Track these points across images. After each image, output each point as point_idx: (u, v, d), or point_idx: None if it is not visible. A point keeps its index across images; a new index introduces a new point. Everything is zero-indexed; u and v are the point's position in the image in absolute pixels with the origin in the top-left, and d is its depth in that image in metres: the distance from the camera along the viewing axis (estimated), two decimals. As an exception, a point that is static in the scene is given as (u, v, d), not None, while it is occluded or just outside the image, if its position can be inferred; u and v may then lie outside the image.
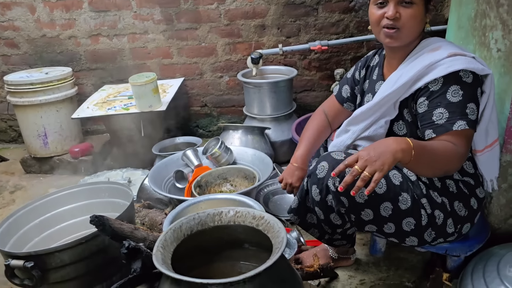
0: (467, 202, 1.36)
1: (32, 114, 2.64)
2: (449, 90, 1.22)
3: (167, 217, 1.54)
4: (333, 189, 1.26)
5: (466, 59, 1.23)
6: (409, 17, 1.26)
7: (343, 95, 1.63)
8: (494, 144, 1.37)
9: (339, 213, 1.34)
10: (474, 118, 1.21)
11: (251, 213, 1.01)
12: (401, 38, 1.30)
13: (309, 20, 2.72)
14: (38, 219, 1.74)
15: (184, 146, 2.59)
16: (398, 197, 1.27)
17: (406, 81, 1.29)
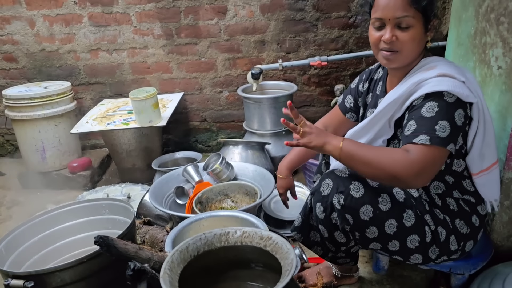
0: (469, 220, 1.36)
1: (30, 129, 2.62)
2: (425, 105, 1.21)
3: (169, 235, 1.52)
4: (338, 207, 1.26)
5: (453, 82, 1.21)
6: (406, 40, 1.26)
7: (346, 105, 1.63)
8: (492, 167, 1.36)
9: (344, 231, 1.33)
10: (444, 136, 1.17)
11: (259, 233, 1.00)
12: (399, 60, 1.31)
13: (308, 36, 2.74)
14: (37, 236, 1.72)
15: (183, 161, 2.58)
16: (403, 214, 1.27)
17: (396, 98, 1.30)
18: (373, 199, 1.25)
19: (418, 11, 1.24)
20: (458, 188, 1.37)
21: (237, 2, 2.68)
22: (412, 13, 1.24)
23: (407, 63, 1.34)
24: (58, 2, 2.76)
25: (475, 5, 1.81)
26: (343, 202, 1.25)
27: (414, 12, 1.24)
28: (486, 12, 1.70)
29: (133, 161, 2.66)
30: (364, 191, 1.25)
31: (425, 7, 1.25)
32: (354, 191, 1.25)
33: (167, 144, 3.08)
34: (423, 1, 1.24)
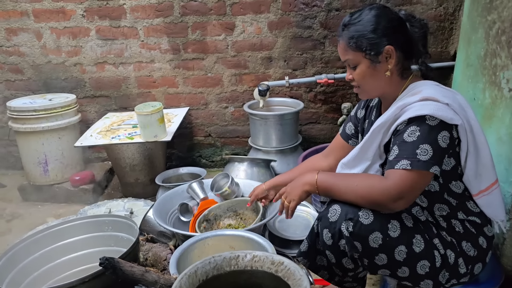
0: (476, 242, 1.33)
1: (34, 141, 2.60)
2: (407, 130, 1.23)
3: (174, 254, 1.48)
4: (347, 234, 1.22)
5: (436, 105, 1.22)
6: (358, 78, 1.38)
7: (347, 132, 1.66)
8: (492, 187, 1.33)
9: (352, 258, 1.30)
10: (426, 159, 1.18)
11: (270, 258, 0.96)
12: (365, 93, 1.42)
13: (315, 54, 2.74)
14: (38, 252, 1.68)
15: (188, 176, 2.55)
16: (412, 240, 1.24)
17: (382, 123, 1.32)
18: (382, 226, 1.22)
19: (356, 51, 1.33)
20: (462, 209, 1.35)
21: (245, 19, 2.69)
22: (351, 54, 1.35)
23: (377, 94, 1.44)
24: (66, 15, 2.77)
25: (485, 27, 1.81)
26: (352, 229, 1.22)
27: (353, 53, 1.34)
28: (497, 34, 1.70)
29: (136, 176, 2.63)
30: (373, 217, 1.22)
31: (359, 45, 1.32)
32: (363, 218, 1.22)
33: (171, 158, 3.05)
34: (354, 41, 1.33)
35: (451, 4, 2.57)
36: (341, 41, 1.37)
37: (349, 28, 1.34)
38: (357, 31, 1.33)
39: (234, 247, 1.59)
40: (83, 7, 2.75)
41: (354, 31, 1.33)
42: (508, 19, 1.61)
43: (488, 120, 1.76)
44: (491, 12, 1.76)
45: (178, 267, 1.43)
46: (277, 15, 2.67)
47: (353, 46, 1.33)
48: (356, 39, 1.32)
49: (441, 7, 2.59)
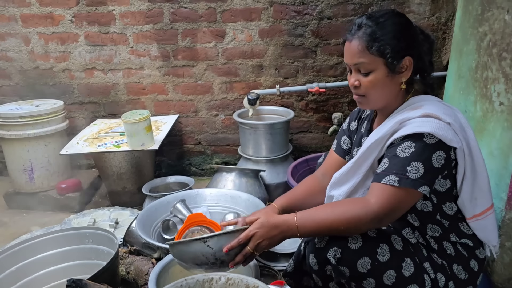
0: (467, 265, 1.28)
1: (19, 148, 2.55)
2: (401, 144, 1.17)
3: (154, 269, 1.44)
4: (334, 263, 1.18)
5: (437, 124, 1.15)
6: (367, 85, 1.25)
7: (342, 147, 1.56)
8: (486, 213, 1.29)
9: (339, 283, 1.25)
10: (416, 177, 1.12)
11: (244, 281, 0.92)
12: (368, 103, 1.30)
13: (307, 62, 2.70)
14: (15, 266, 1.63)
15: (175, 185, 2.51)
16: (402, 264, 1.19)
17: (380, 137, 1.25)
18: (371, 251, 1.17)
19: (378, 56, 1.22)
20: (455, 231, 1.30)
21: (236, 26, 2.66)
22: (368, 58, 1.22)
23: (380, 106, 1.32)
24: (55, 20, 2.73)
25: (476, 39, 1.78)
26: (340, 255, 1.17)
27: (371, 57, 1.22)
28: (488, 46, 1.67)
29: (123, 184, 2.58)
30: (362, 242, 1.18)
31: (382, 50, 1.21)
32: (351, 242, 1.17)
33: (160, 166, 3.01)
34: (377, 44, 1.21)
35: (443, 14, 2.54)
36: (356, 41, 1.23)
37: (368, 29, 1.22)
38: (381, 34, 1.21)
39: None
40: (71, 13, 2.71)
41: (377, 33, 1.21)
42: (499, 31, 1.59)
43: (479, 134, 1.73)
44: (482, 24, 1.73)
45: (158, 283, 1.39)
46: (268, 23, 2.64)
47: (374, 50, 1.20)
48: (379, 42, 1.20)
49: (433, 17, 2.57)
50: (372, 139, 1.28)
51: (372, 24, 1.22)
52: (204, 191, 2.17)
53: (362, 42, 1.22)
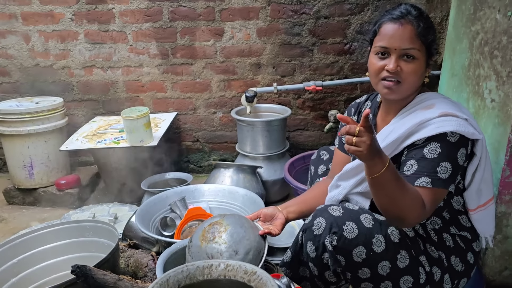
0: (464, 257, 1.33)
1: (19, 144, 2.58)
2: (427, 145, 1.21)
3: (161, 256, 1.47)
4: (330, 248, 1.20)
5: (457, 121, 1.20)
6: (410, 72, 1.25)
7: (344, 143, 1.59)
8: (489, 203, 1.34)
9: (335, 272, 1.28)
10: (445, 177, 1.18)
11: (243, 267, 0.96)
12: (400, 91, 1.29)
13: (304, 61, 2.74)
14: (17, 258, 1.65)
15: (174, 182, 2.54)
16: (397, 255, 1.22)
17: (396, 138, 1.28)
18: (367, 241, 1.20)
19: (424, 45, 1.26)
20: (455, 224, 1.34)
21: (234, 25, 2.69)
22: (418, 45, 1.25)
23: (406, 96, 1.33)
24: (55, 18, 2.76)
25: (469, 38, 1.82)
26: (336, 243, 1.20)
27: (420, 45, 1.25)
28: (480, 45, 1.71)
29: (122, 180, 2.61)
30: (358, 232, 1.20)
31: (431, 42, 1.27)
32: (347, 232, 1.20)
33: (159, 163, 3.04)
34: (430, 36, 1.26)
35: (438, 13, 2.59)
36: (409, 26, 1.23)
37: (423, 18, 1.25)
38: (433, 26, 1.27)
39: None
40: (71, 11, 2.74)
41: (431, 26, 1.26)
42: (490, 30, 1.63)
43: (471, 130, 1.77)
44: (474, 23, 1.77)
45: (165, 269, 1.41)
46: (266, 22, 2.68)
47: (425, 40, 1.24)
48: (432, 35, 1.26)
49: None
50: (387, 140, 1.29)
51: (418, 14, 1.25)
52: (203, 187, 2.21)
53: (415, 29, 1.23)
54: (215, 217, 1.48)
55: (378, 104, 1.49)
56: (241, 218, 1.47)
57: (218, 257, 1.30)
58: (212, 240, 1.35)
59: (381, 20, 1.30)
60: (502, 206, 1.59)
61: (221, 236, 1.36)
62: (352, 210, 1.26)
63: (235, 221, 1.42)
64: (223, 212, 2.03)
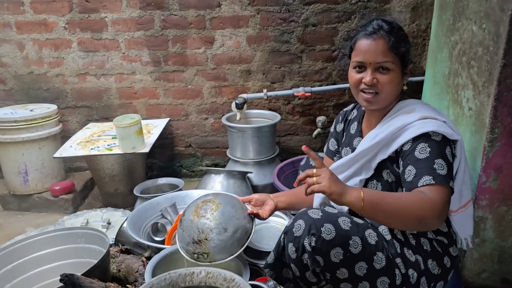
0: (441, 261, 1.38)
1: (14, 151, 2.62)
2: (417, 147, 1.27)
3: (150, 262, 1.52)
4: (309, 249, 1.26)
5: (436, 123, 1.28)
6: (386, 83, 1.34)
7: (331, 149, 1.68)
8: (468, 204, 1.41)
9: (314, 273, 1.34)
10: (444, 173, 1.22)
11: (222, 274, 1.01)
12: (379, 102, 1.38)
13: (293, 67, 2.80)
14: (11, 265, 1.70)
15: (166, 187, 2.59)
16: (373, 257, 1.28)
17: (380, 140, 1.35)
18: (344, 242, 1.26)
19: (397, 56, 1.33)
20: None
21: (224, 33, 2.75)
22: (391, 58, 1.33)
23: (386, 105, 1.41)
24: (48, 27, 2.81)
25: (449, 47, 1.88)
26: (314, 244, 1.25)
27: (393, 57, 1.33)
28: (459, 54, 1.77)
29: (116, 186, 2.66)
30: (335, 234, 1.26)
31: (404, 53, 1.34)
32: (325, 233, 1.25)
33: (152, 168, 3.09)
34: (402, 48, 1.33)
35: (423, 21, 2.65)
36: (382, 41, 1.32)
37: (394, 32, 1.32)
38: (404, 38, 1.34)
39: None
40: (65, 20, 2.79)
41: (402, 38, 1.34)
42: (468, 41, 1.69)
43: (452, 137, 1.83)
44: (454, 33, 1.83)
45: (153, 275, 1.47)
46: (255, 30, 2.73)
47: (397, 52, 1.32)
48: (404, 47, 1.33)
49: (413, 24, 2.67)
50: (370, 142, 1.37)
51: (390, 28, 1.33)
52: (193, 192, 2.26)
53: (387, 43, 1.31)
54: (208, 195, 1.58)
55: (363, 113, 1.57)
56: (233, 198, 1.58)
57: (208, 232, 1.41)
58: (204, 216, 1.46)
59: (356, 36, 1.38)
60: (479, 211, 1.65)
61: (213, 213, 1.47)
62: (331, 213, 1.31)
63: (227, 201, 1.53)
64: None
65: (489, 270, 1.72)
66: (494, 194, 1.61)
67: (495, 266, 1.71)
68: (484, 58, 1.55)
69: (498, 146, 1.54)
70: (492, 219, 1.65)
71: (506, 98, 1.48)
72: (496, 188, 1.60)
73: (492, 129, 1.52)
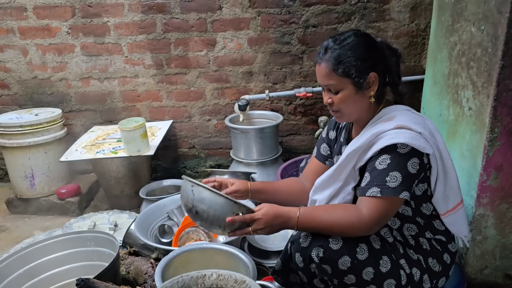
0: (441, 258, 1.42)
1: (20, 156, 2.66)
2: (379, 158, 1.30)
3: (159, 264, 1.55)
4: (317, 260, 1.30)
5: (410, 134, 1.28)
6: (339, 102, 1.37)
7: (322, 153, 1.66)
8: (457, 207, 1.43)
9: (322, 280, 1.37)
10: (394, 186, 1.25)
11: (233, 276, 1.05)
12: (343, 117, 1.42)
13: (294, 68, 2.83)
14: (23, 268, 1.74)
15: (171, 189, 2.62)
16: (379, 261, 1.31)
17: (357, 147, 1.36)
18: (351, 250, 1.29)
19: (343, 76, 1.33)
20: (429, 229, 1.44)
21: (225, 35, 2.78)
22: (336, 79, 1.33)
23: (354, 119, 1.44)
24: (51, 32, 2.84)
25: (448, 48, 1.91)
26: (322, 255, 1.29)
27: (338, 78, 1.33)
28: (458, 55, 1.80)
29: (121, 188, 2.70)
30: (342, 243, 1.29)
31: (347, 71, 1.31)
32: (332, 243, 1.29)
33: (156, 170, 3.13)
34: (342, 66, 1.31)
35: (422, 20, 2.68)
36: (324, 64, 1.33)
37: (334, 52, 1.32)
38: (345, 56, 1.31)
39: (217, 262, 1.66)
40: (67, 25, 2.82)
41: (341, 57, 1.31)
42: (467, 42, 1.72)
43: (452, 136, 1.86)
44: (453, 34, 1.86)
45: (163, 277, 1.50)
46: (256, 32, 2.76)
47: (340, 72, 1.31)
48: (344, 65, 1.30)
49: (413, 24, 2.70)
50: (349, 149, 1.39)
51: (337, 48, 1.32)
52: (198, 194, 2.29)
53: (329, 65, 1.32)
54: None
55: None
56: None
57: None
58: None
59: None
60: (481, 208, 1.68)
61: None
62: None
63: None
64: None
65: (491, 267, 1.76)
66: (495, 192, 1.64)
67: (497, 262, 1.75)
68: (483, 59, 1.58)
69: (498, 145, 1.57)
70: (493, 217, 1.68)
71: (505, 98, 1.51)
72: (496, 186, 1.63)
73: (492, 128, 1.56)
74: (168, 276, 1.51)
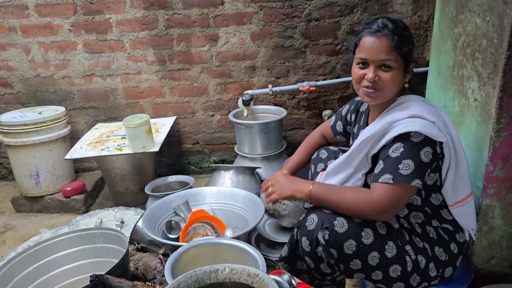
0: (447, 247, 1.43)
1: (25, 154, 2.66)
2: (392, 146, 1.32)
3: (168, 260, 1.56)
4: (323, 242, 1.32)
5: (423, 123, 1.30)
6: (387, 80, 1.37)
7: (337, 128, 1.78)
8: (467, 199, 1.44)
9: (329, 264, 1.39)
10: (407, 173, 1.27)
11: (246, 270, 1.06)
12: (379, 97, 1.42)
13: (297, 62, 2.83)
14: (32, 266, 1.75)
15: (176, 185, 2.63)
16: (385, 246, 1.33)
17: (371, 135, 1.39)
18: (356, 234, 1.31)
19: (400, 56, 1.36)
20: (436, 218, 1.44)
21: (228, 30, 2.77)
22: (394, 56, 1.35)
23: (386, 100, 1.44)
24: (53, 30, 2.83)
25: (452, 39, 1.91)
26: (328, 237, 1.31)
27: (396, 56, 1.36)
28: (463, 46, 1.80)
29: (126, 185, 2.70)
30: (347, 226, 1.31)
31: (406, 53, 1.37)
32: (338, 226, 1.31)
33: (160, 166, 3.13)
34: (405, 48, 1.36)
35: (425, 12, 2.67)
36: (385, 39, 1.34)
37: (395, 30, 1.34)
38: (407, 37, 1.37)
39: (226, 256, 1.68)
40: (69, 22, 2.81)
41: (403, 36, 1.35)
42: (471, 33, 1.72)
43: (458, 127, 1.86)
44: (457, 25, 1.86)
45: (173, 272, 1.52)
46: (259, 26, 2.76)
47: (399, 50, 1.34)
48: (405, 46, 1.35)
49: (415, 16, 2.70)
50: (362, 137, 1.42)
51: (394, 27, 1.35)
52: (204, 189, 2.30)
53: (391, 42, 1.34)
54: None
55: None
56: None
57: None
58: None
59: (361, 33, 1.42)
60: (487, 199, 1.69)
61: None
62: None
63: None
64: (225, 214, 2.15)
65: (498, 257, 1.77)
66: (501, 182, 1.65)
67: (503, 252, 1.76)
68: (489, 50, 1.58)
69: (504, 136, 1.57)
70: (500, 207, 1.69)
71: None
72: (503, 177, 1.63)
73: (498, 119, 1.56)
74: (177, 271, 1.52)
